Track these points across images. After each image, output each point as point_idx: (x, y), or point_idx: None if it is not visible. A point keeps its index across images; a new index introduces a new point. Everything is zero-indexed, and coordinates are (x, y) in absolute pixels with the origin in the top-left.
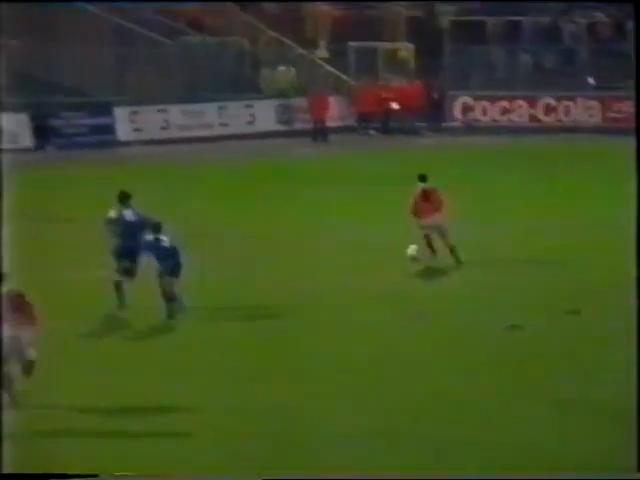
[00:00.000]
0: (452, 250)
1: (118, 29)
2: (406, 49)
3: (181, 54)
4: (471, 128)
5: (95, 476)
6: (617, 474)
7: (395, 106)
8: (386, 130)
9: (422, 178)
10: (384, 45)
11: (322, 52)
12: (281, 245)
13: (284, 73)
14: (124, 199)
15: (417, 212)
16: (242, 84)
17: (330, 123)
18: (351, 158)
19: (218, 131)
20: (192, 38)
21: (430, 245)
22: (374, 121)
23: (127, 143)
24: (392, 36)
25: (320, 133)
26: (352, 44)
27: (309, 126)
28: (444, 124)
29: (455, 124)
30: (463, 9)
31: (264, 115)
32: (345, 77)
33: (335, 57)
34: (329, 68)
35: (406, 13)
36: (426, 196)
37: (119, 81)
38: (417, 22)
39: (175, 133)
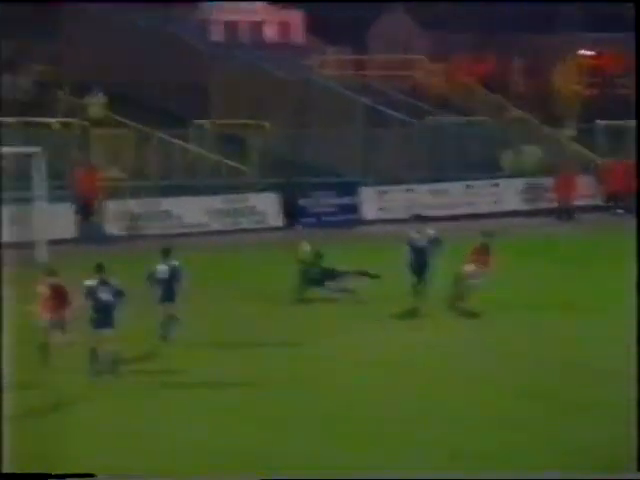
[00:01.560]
0: (461, 298)
1: (366, 110)
2: None
3: (428, 134)
4: None
5: (92, 476)
6: (617, 474)
7: None
8: (635, 209)
9: (489, 234)
10: (633, 123)
11: (569, 131)
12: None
13: (530, 152)
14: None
15: (470, 260)
16: (488, 163)
17: (576, 202)
18: (597, 237)
19: (464, 210)
20: (439, 118)
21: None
22: (622, 200)
23: (371, 222)
24: None
25: (565, 212)
26: (601, 122)
27: (555, 205)
28: None
29: None
30: None
31: (510, 194)
32: (593, 155)
33: (582, 135)
34: (576, 147)
35: None
36: (484, 250)
37: (366, 161)
38: None
39: (421, 212)
